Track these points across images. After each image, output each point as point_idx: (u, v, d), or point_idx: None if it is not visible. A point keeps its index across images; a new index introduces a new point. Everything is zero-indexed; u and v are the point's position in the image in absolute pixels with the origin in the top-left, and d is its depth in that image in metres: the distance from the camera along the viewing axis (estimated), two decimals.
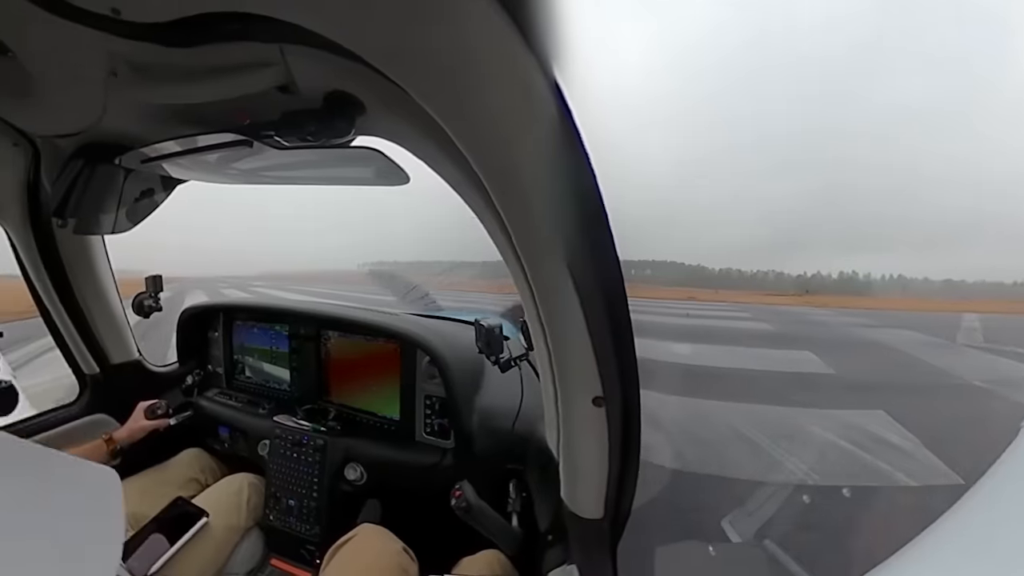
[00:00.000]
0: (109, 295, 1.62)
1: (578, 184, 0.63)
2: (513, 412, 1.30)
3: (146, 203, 1.30)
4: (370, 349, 1.58)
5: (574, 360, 0.77)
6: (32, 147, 1.24)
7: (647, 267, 56.69)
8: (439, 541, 1.20)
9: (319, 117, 0.71)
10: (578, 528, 0.91)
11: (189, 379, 1.84)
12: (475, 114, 0.59)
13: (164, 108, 0.86)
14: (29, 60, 0.76)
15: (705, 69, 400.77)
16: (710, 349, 8.82)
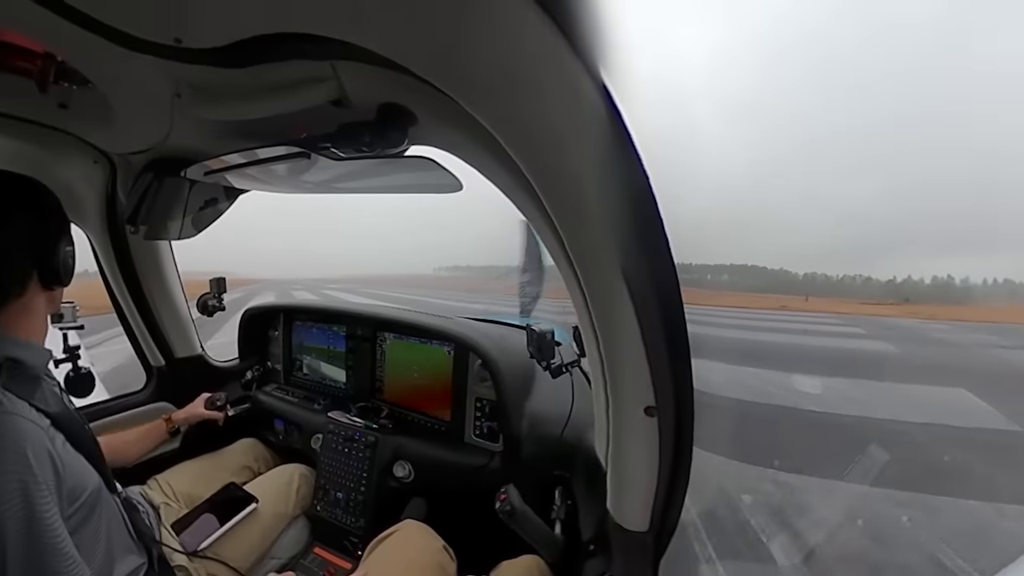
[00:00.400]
0: (175, 295, 1.74)
1: (630, 187, 0.61)
2: (563, 418, 1.29)
3: (210, 211, 1.38)
4: (423, 351, 1.61)
5: (627, 367, 0.75)
6: (109, 163, 1.35)
7: (724, 272, 54.00)
8: (480, 543, 1.22)
9: (373, 129, 0.72)
10: (621, 540, 0.89)
11: (249, 374, 1.94)
12: (524, 120, 0.58)
13: (225, 124, 0.91)
14: (106, 88, 0.83)
15: (774, 61, 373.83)
16: (851, 387, 6.53)
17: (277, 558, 1.41)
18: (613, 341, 0.75)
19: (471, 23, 0.48)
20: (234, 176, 1.11)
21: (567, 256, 0.73)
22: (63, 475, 0.83)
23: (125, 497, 1.17)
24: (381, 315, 1.76)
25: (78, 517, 0.88)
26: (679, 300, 0.70)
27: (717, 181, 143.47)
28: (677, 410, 0.76)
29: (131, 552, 1.03)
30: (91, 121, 1.05)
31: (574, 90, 0.53)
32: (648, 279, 0.68)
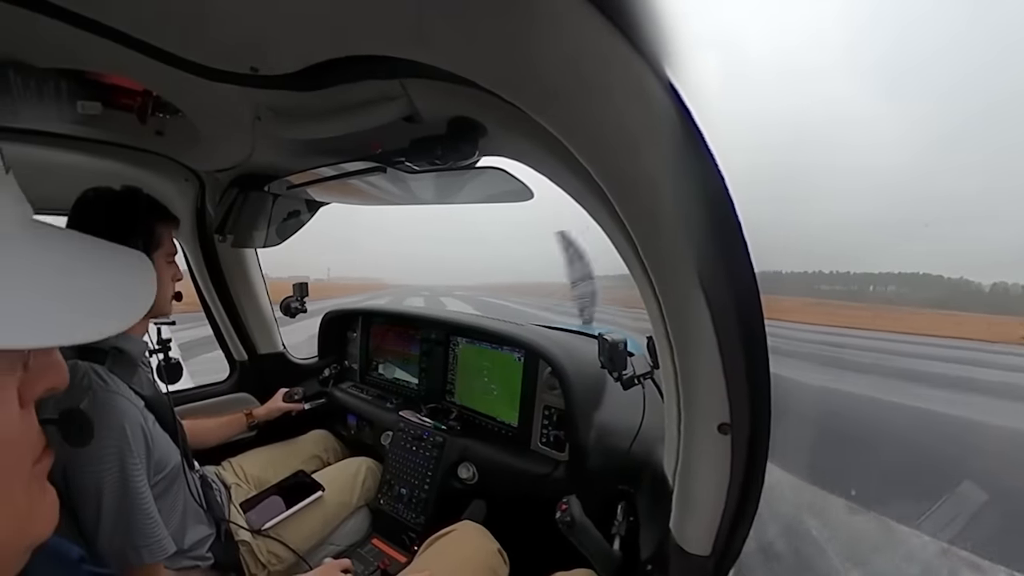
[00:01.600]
0: (260, 297, 1.90)
1: (706, 189, 0.58)
2: (632, 432, 1.25)
3: (293, 222, 1.49)
4: (494, 356, 1.64)
5: (702, 381, 0.71)
6: (199, 180, 1.51)
7: (890, 281, 48.23)
8: (535, 551, 1.21)
9: (444, 142, 0.74)
10: (681, 563, 0.85)
11: (326, 372, 2.08)
12: (591, 124, 0.57)
13: (303, 143, 0.97)
14: (194, 115, 0.93)
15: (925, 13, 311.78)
16: None
17: (336, 544, 1.49)
18: (688, 353, 0.71)
19: (533, 33, 0.48)
20: (314, 190, 1.18)
21: (642, 263, 0.70)
22: (152, 448, 0.98)
23: (202, 475, 1.30)
24: (454, 320, 1.81)
25: (160, 487, 1.03)
26: (759, 311, 0.65)
27: (869, 175, 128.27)
28: (752, 429, 0.71)
29: (202, 523, 1.16)
30: (183, 144, 1.18)
31: (640, 91, 0.51)
32: (726, 288, 0.64)
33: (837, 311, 36.90)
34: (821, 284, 77.63)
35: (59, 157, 1.18)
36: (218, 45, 0.66)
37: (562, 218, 3.57)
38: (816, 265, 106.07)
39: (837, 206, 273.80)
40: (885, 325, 25.56)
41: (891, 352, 13.09)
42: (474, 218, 70.03)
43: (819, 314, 32.40)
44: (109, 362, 0.99)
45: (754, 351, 0.67)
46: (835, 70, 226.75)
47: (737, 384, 0.68)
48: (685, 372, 0.73)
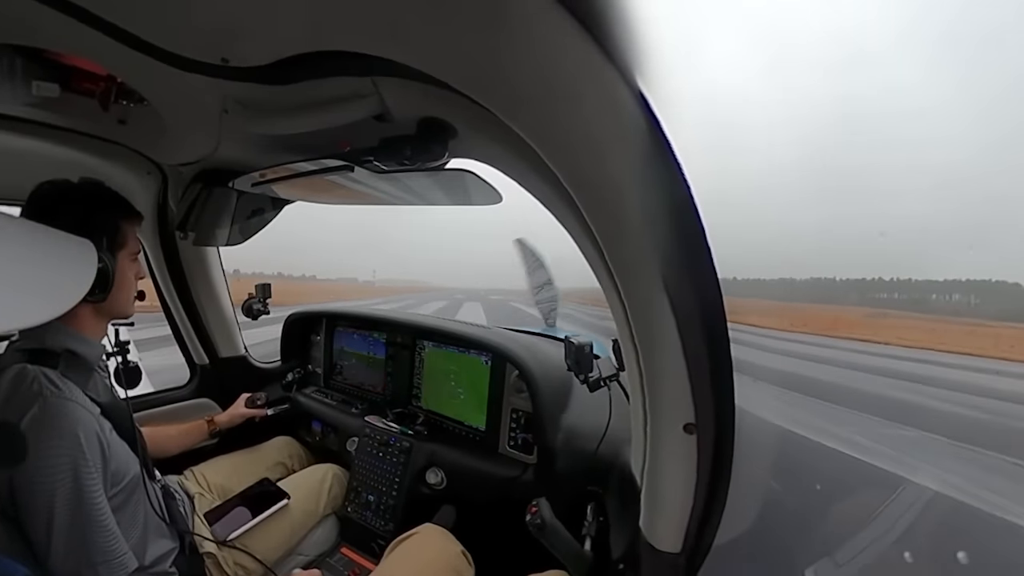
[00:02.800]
0: (221, 298, 1.84)
1: (672, 197, 0.60)
2: (599, 433, 1.28)
3: (256, 220, 1.46)
4: (461, 360, 1.64)
5: (667, 383, 0.74)
6: (161, 174, 1.46)
7: (955, 289, 43.48)
8: (507, 555, 1.21)
9: (414, 142, 0.74)
10: (652, 560, 0.87)
11: (290, 376, 2.02)
12: (562, 130, 0.59)
13: (271, 138, 0.95)
14: (159, 105, 0.90)
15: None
16: None
17: (304, 555, 1.46)
18: (653, 355, 0.74)
19: (507, 37, 0.49)
20: (280, 187, 1.16)
21: (608, 268, 0.72)
22: (109, 458, 0.93)
23: (163, 485, 1.25)
24: (420, 323, 1.80)
25: (119, 499, 0.97)
26: (722, 315, 0.68)
27: (930, 174, 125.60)
28: (718, 429, 0.73)
29: (164, 536, 1.11)
30: (146, 135, 1.13)
31: (611, 99, 0.53)
32: (690, 292, 0.67)
33: (902, 324, 32.24)
34: (880, 292, 74.44)
35: (10, 142, 1.12)
36: (189, 32, 0.64)
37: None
38: (873, 271, 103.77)
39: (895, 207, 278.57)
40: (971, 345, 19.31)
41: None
42: (536, 217, 66.03)
43: (883, 328, 27.37)
44: (62, 366, 0.93)
45: (718, 353, 0.70)
46: (890, 56, 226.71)
47: (701, 385, 0.71)
48: (650, 374, 0.76)
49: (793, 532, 2.83)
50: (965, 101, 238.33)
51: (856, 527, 2.86)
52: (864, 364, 12.01)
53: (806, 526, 2.97)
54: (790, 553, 2.58)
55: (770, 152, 67.62)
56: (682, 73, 0.64)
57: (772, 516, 2.84)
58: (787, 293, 69.64)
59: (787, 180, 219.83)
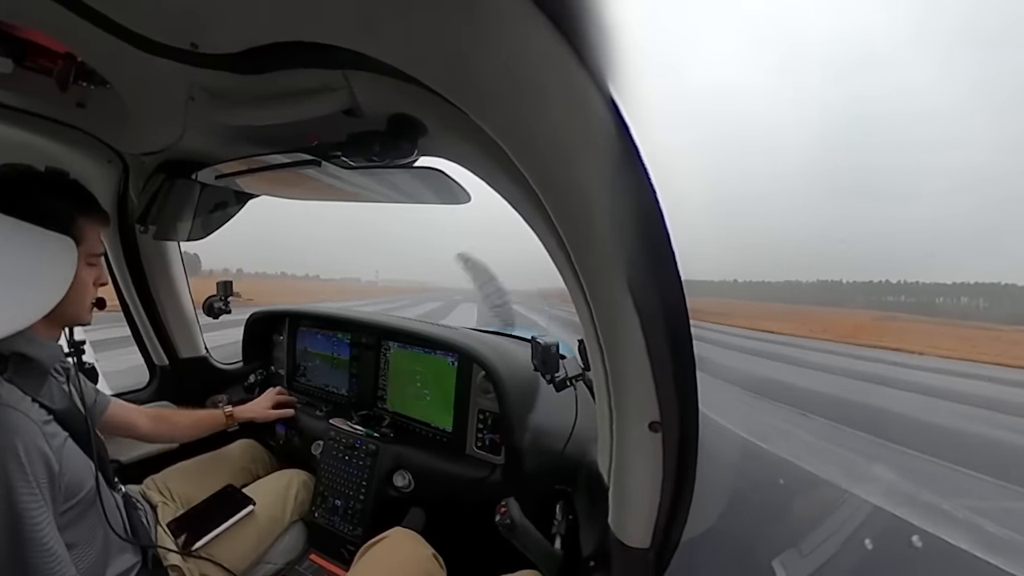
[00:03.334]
0: (182, 296, 1.78)
1: (638, 201, 0.62)
2: (566, 432, 1.29)
3: (219, 214, 1.42)
4: (427, 361, 1.63)
5: (632, 382, 0.75)
6: (122, 163, 1.40)
7: (963, 292, 41.68)
8: (478, 556, 1.21)
9: (383, 139, 0.74)
10: (622, 556, 0.89)
11: (252, 378, 1.96)
12: (532, 132, 0.60)
13: (237, 129, 0.93)
14: (122, 89, 0.86)
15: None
16: None
17: (272, 563, 1.42)
18: (618, 355, 0.75)
19: (480, 35, 0.49)
20: (244, 181, 1.14)
21: (574, 269, 0.74)
22: (57, 471, 0.86)
23: (125, 495, 1.19)
24: (385, 324, 1.78)
25: (74, 513, 0.91)
26: (685, 316, 0.71)
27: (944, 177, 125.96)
28: (682, 426, 0.76)
29: (125, 551, 1.05)
30: (107, 121, 1.09)
31: (581, 102, 0.54)
32: (654, 294, 0.69)
33: (912, 328, 31.82)
34: (887, 295, 73.39)
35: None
36: (158, 14, 0.62)
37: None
38: (880, 274, 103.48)
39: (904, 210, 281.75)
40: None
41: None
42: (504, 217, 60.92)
43: (911, 335, 26.79)
44: (10, 371, 0.86)
45: (681, 353, 0.72)
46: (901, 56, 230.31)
47: (665, 384, 0.73)
48: (615, 373, 0.77)
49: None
50: (978, 102, 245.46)
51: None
52: (921, 384, 9.79)
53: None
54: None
55: (777, 154, 68.45)
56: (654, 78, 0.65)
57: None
58: (793, 295, 69.67)
59: (793, 184, 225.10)
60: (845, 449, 4.66)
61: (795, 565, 2.18)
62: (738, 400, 6.80)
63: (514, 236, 3.03)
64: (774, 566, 2.08)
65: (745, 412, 6.23)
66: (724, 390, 7.31)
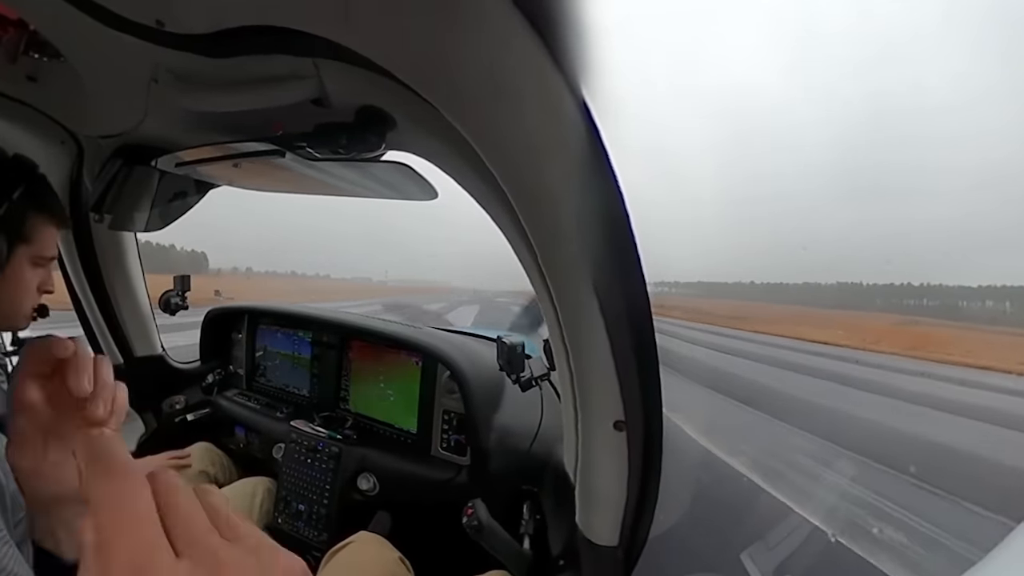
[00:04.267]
0: (137, 291, 1.71)
1: (606, 205, 0.64)
2: (532, 432, 1.31)
3: (178, 204, 1.37)
4: (391, 360, 1.61)
5: (596, 382, 0.77)
6: (77, 146, 1.34)
7: (988, 296, 39.07)
8: (446, 558, 1.21)
9: (350, 131, 0.73)
10: (591, 555, 0.90)
11: (210, 377, 1.90)
12: (503, 133, 0.60)
13: (201, 115, 0.90)
14: (79, 65, 0.82)
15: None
16: None
17: None
18: (583, 355, 0.77)
19: (456, 31, 0.50)
20: (206, 169, 1.11)
21: (540, 271, 0.75)
22: (5, 481, 0.80)
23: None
24: (348, 322, 1.75)
25: (22, 529, 0.85)
26: (649, 318, 0.73)
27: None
28: (646, 425, 0.78)
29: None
30: (61, 98, 1.03)
31: (555, 105, 0.55)
32: (620, 296, 0.71)
33: (934, 334, 27.10)
34: (908, 298, 70.45)
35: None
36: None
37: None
38: (902, 276, 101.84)
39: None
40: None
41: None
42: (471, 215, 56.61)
43: (912, 338, 23.81)
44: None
45: (645, 355, 0.74)
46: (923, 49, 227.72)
47: (630, 384, 0.75)
48: (580, 373, 0.79)
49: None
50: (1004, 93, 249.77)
51: None
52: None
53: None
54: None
55: (793, 154, 67.93)
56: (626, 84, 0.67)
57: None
58: (813, 298, 67.26)
59: (811, 185, 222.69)
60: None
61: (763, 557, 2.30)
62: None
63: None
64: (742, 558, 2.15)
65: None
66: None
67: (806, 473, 4.38)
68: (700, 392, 7.74)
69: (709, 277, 60.90)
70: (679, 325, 23.10)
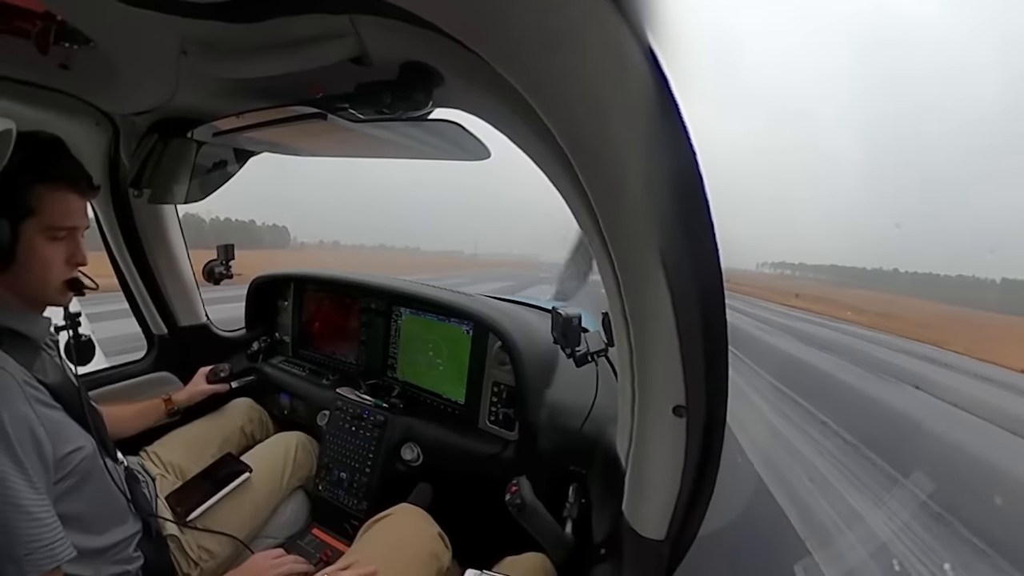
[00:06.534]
0: (180, 261, 1.77)
1: (676, 164, 0.59)
2: (584, 411, 1.28)
3: (218, 174, 1.39)
4: (440, 329, 1.61)
5: (658, 362, 0.73)
6: (112, 125, 1.37)
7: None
8: (484, 535, 1.22)
9: (394, 89, 0.71)
10: (635, 547, 0.88)
11: (255, 345, 1.97)
12: (560, 83, 0.56)
13: (234, 83, 0.90)
14: (108, 47, 0.83)
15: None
16: None
17: (273, 537, 1.44)
18: (645, 332, 0.73)
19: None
20: (244, 137, 1.11)
21: (602, 236, 0.71)
22: (46, 439, 0.87)
23: (127, 467, 1.21)
24: (397, 288, 1.75)
25: (68, 484, 0.92)
26: (721, 293, 0.68)
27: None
28: (708, 413, 0.74)
29: (125, 521, 1.08)
30: (93, 81, 1.05)
31: (616, 52, 0.50)
32: (689, 268, 0.66)
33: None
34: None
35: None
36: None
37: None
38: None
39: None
40: None
41: None
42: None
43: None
44: (6, 345, 0.88)
45: (714, 335, 0.69)
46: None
47: (694, 367, 0.71)
48: (641, 351, 0.75)
49: None
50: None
51: None
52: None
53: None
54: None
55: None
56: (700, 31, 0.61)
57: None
58: (971, 296, 58.62)
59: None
60: None
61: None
62: None
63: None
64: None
65: None
66: None
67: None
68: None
69: (843, 260, 53.64)
70: (802, 318, 19.13)
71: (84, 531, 0.94)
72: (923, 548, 3.16)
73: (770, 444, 4.68)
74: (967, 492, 4.27)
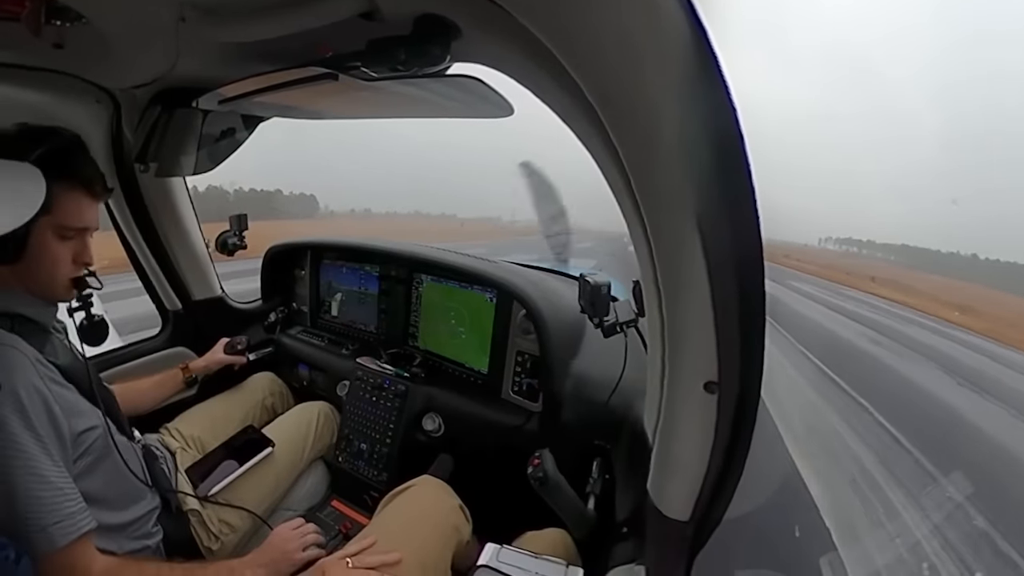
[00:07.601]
0: (192, 235, 1.76)
1: (715, 120, 0.55)
2: (611, 383, 1.26)
3: (227, 143, 1.37)
4: (463, 296, 1.59)
5: (691, 335, 0.70)
6: (112, 100, 1.34)
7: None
8: (505, 509, 1.22)
9: (409, 44, 0.68)
10: (658, 527, 0.87)
11: (272, 316, 1.98)
12: (588, 32, 0.52)
13: (238, 47, 0.87)
14: (101, 21, 0.81)
15: None
16: None
17: (292, 509, 1.48)
18: (678, 302, 0.70)
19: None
20: (252, 103, 1.08)
21: (633, 198, 0.67)
22: (61, 416, 0.90)
23: (144, 445, 1.25)
24: (418, 255, 1.72)
25: (85, 462, 0.97)
26: (760, 265, 0.64)
27: None
28: (741, 391, 0.71)
29: (143, 497, 1.12)
30: (89, 58, 1.03)
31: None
32: (727, 236, 0.62)
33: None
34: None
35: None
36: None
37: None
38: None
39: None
40: None
41: None
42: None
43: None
44: (17, 329, 0.91)
45: (750, 307, 0.66)
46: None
47: (728, 342, 0.68)
48: (673, 323, 0.72)
49: None
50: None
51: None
52: None
53: None
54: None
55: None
56: None
57: None
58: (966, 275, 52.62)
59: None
60: None
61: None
62: None
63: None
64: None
65: None
66: None
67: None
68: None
69: (916, 240, 48.86)
70: (901, 316, 15.88)
71: (103, 508, 0.98)
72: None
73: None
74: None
